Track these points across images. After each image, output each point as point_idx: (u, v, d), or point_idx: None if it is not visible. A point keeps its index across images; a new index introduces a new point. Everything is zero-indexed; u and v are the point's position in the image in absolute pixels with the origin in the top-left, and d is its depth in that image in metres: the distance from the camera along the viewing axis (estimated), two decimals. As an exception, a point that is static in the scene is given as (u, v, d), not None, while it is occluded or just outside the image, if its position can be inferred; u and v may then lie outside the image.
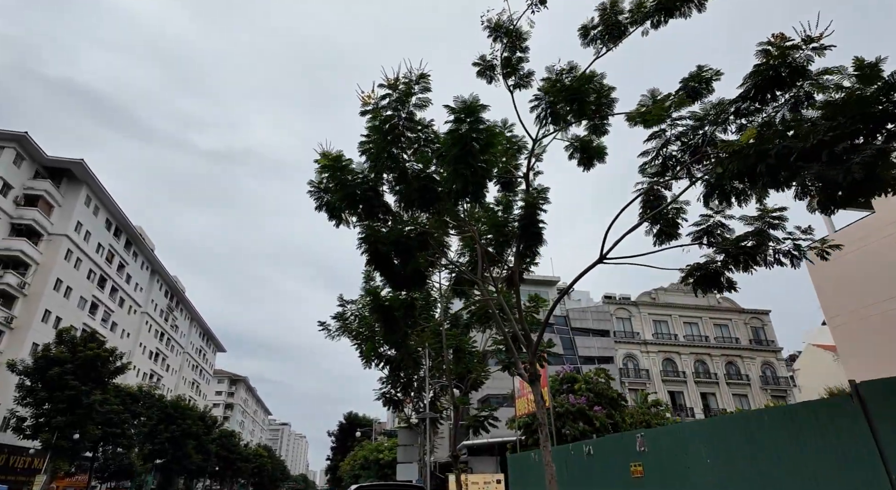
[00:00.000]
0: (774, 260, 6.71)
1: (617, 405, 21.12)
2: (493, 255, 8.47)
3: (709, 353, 41.92)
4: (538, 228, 7.56)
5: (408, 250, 7.27)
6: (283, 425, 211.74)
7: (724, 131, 6.16)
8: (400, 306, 8.42)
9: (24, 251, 36.64)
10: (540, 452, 16.97)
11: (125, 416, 36.51)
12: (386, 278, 7.90)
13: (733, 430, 8.26)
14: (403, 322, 8.52)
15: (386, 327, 8.37)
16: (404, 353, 9.44)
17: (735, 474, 8.13)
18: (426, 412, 15.63)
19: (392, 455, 30.29)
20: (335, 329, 16.03)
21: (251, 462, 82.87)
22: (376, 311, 8.32)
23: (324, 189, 8.02)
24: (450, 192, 6.39)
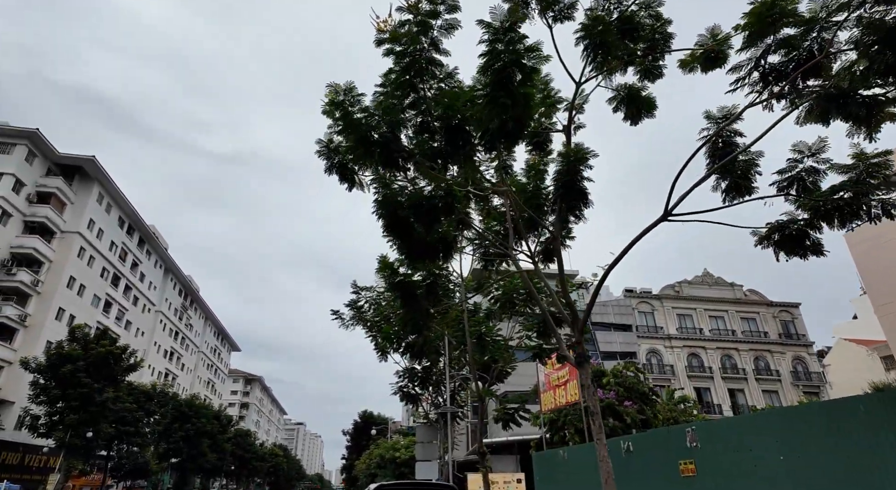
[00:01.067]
0: (875, 215, 5.53)
1: (648, 400, 19.87)
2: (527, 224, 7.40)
3: (736, 348, 40.25)
4: (583, 187, 6.47)
5: (431, 213, 6.24)
6: (299, 425, 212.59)
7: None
8: (422, 282, 7.42)
9: (37, 249, 36.44)
10: (569, 450, 15.83)
11: (139, 415, 36.14)
12: (406, 250, 6.89)
13: (814, 420, 7.09)
14: (426, 299, 7.52)
15: (406, 305, 7.36)
16: (426, 338, 8.43)
17: (816, 471, 6.97)
18: (446, 406, 14.59)
19: (409, 453, 29.33)
20: (349, 318, 15.09)
21: (267, 461, 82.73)
22: (396, 287, 7.30)
23: (333, 149, 7.04)
24: (484, 132, 5.35)
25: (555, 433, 19.89)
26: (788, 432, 7.46)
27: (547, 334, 9.53)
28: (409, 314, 7.34)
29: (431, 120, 5.71)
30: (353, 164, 6.76)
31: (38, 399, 29.79)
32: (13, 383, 34.17)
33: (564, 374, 16.24)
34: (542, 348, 10.65)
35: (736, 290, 42.85)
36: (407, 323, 7.89)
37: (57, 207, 38.73)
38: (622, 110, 7.54)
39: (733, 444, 8.61)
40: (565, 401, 16.40)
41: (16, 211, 36.05)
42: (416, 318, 7.60)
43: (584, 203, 6.61)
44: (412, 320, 7.74)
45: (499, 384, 12.42)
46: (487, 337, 11.66)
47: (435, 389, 18.29)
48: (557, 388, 16.57)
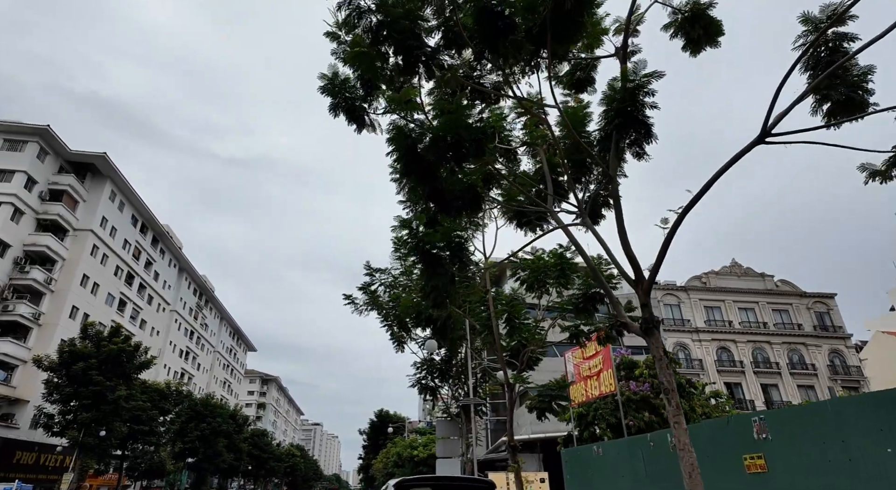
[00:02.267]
0: None
1: (685, 393, 18.40)
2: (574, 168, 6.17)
3: (768, 341, 38.30)
4: (645, 115, 5.23)
5: (459, 147, 5.05)
6: (315, 425, 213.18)
7: None
8: (447, 243, 6.25)
9: (49, 246, 36.16)
10: (605, 445, 14.47)
11: (153, 413, 35.63)
12: (427, 197, 5.74)
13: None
14: (451, 264, 6.36)
15: (428, 270, 6.20)
16: (450, 312, 7.26)
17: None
18: (469, 398, 13.38)
19: (427, 452, 28.21)
20: (362, 303, 14.00)
21: (284, 461, 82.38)
22: (416, 250, 6.14)
23: (339, 84, 5.90)
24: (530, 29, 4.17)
25: (584, 429, 18.55)
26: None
27: (587, 311, 8.25)
28: (432, 281, 6.17)
29: (458, 16, 4.50)
30: (363, 93, 5.61)
31: (52, 397, 29.38)
32: (28, 382, 33.88)
33: (597, 362, 14.92)
34: (579, 329, 9.37)
35: (766, 281, 40.86)
36: (429, 293, 6.71)
37: (69, 205, 38.46)
38: (681, 36, 6.28)
39: (817, 435, 7.24)
40: (598, 392, 15.07)
41: (28, 209, 35.81)
42: (440, 286, 6.43)
43: (645, 136, 5.36)
44: (434, 290, 6.56)
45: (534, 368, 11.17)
46: (516, 318, 10.43)
47: (455, 382, 17.10)
48: (589, 380, 15.25)
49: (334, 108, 6.01)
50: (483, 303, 11.29)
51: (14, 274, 34.65)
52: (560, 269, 10.22)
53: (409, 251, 6.36)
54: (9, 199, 34.15)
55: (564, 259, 10.14)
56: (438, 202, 5.82)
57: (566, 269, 10.20)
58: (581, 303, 8.33)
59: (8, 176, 34.82)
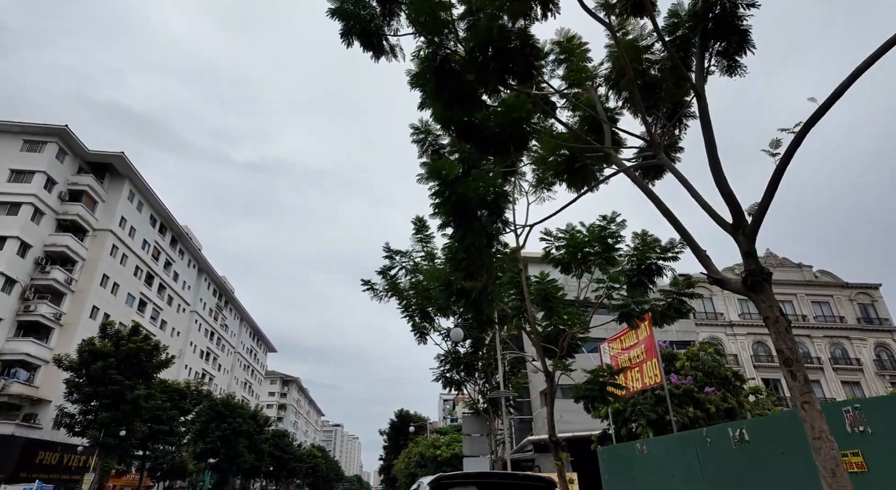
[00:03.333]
0: None
1: (732, 386, 17.00)
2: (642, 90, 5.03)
3: (808, 335, 36.23)
4: (740, 20, 4.10)
5: (503, 58, 4.00)
6: (336, 426, 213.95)
7: None
8: (482, 196, 5.19)
9: (69, 247, 36.20)
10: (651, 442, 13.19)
11: (173, 413, 35.36)
12: (459, 134, 4.72)
13: None
14: (488, 219, 5.32)
15: (462, 226, 5.15)
16: (486, 283, 6.20)
17: None
18: (499, 390, 12.27)
19: (451, 451, 27.15)
20: (382, 288, 13.02)
21: (305, 462, 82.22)
22: (447, 202, 5.08)
23: (352, 3, 4.89)
24: None
25: (621, 426, 17.28)
26: None
27: (641, 285, 7.09)
28: (466, 239, 5.11)
29: None
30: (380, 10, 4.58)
31: (72, 397, 29.23)
32: (50, 382, 33.87)
33: (639, 352, 13.67)
34: (629, 308, 8.19)
35: (805, 272, 38.76)
36: (461, 259, 5.65)
37: (88, 205, 38.52)
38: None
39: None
40: (640, 385, 13.79)
41: (48, 209, 35.91)
42: (475, 247, 5.37)
43: (741, 45, 4.22)
44: (469, 252, 5.51)
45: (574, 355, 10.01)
46: (554, 297, 9.30)
47: (482, 375, 15.99)
48: (629, 371, 13.98)
49: (346, 34, 5.02)
50: (514, 285, 10.19)
51: (35, 274, 34.74)
52: (604, 244, 9.05)
53: (437, 207, 5.30)
54: (29, 200, 34.25)
55: (609, 231, 8.97)
56: (474, 138, 4.78)
57: (611, 243, 9.01)
58: (635, 276, 7.15)
59: (28, 176, 34.95)
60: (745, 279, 3.94)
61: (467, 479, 4.02)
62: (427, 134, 7.49)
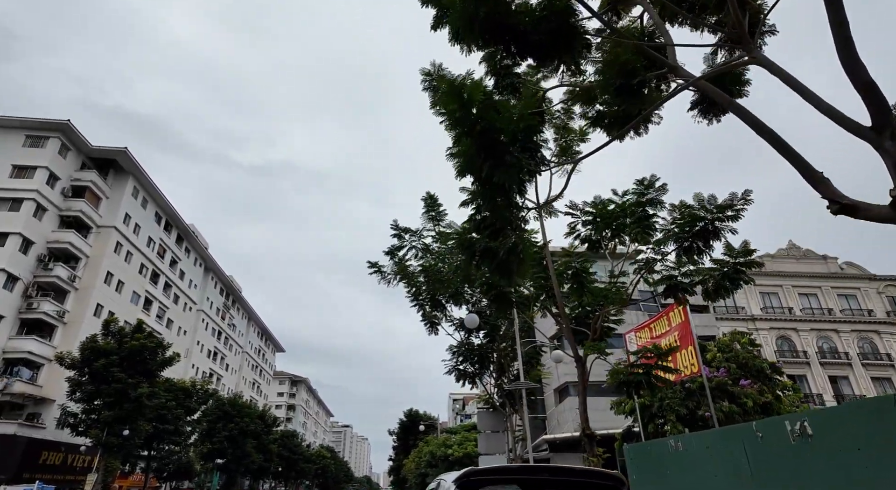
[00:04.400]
0: None
1: (768, 379, 15.76)
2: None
3: (835, 329, 34.67)
4: None
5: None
6: (345, 427, 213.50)
7: None
8: (511, 127, 4.14)
9: (72, 243, 35.60)
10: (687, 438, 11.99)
11: (178, 412, 34.60)
12: (486, 31, 3.67)
13: None
14: (522, 154, 4.26)
15: (488, 159, 4.09)
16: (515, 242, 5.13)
17: None
18: (519, 381, 11.16)
19: (463, 451, 26.05)
20: (390, 270, 11.96)
21: (314, 463, 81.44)
22: (471, 133, 4.01)
23: None
24: None
25: (648, 422, 16.07)
26: None
27: (696, 251, 5.96)
28: (496, 176, 4.02)
29: None
30: None
31: (74, 396, 28.54)
32: (54, 381, 33.22)
33: (671, 340, 12.45)
34: (675, 280, 7.04)
35: (829, 264, 37.18)
36: (484, 219, 4.59)
37: (92, 202, 37.93)
38: None
39: None
40: (674, 377, 12.55)
41: (51, 205, 35.34)
42: (505, 188, 4.31)
43: None
44: (493, 198, 4.44)
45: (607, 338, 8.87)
46: (585, 272, 8.18)
47: (497, 368, 14.88)
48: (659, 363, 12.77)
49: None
50: (537, 262, 9.07)
51: (38, 271, 34.16)
52: (641, 212, 7.91)
53: (456, 139, 4.23)
54: (31, 196, 33.69)
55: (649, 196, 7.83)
56: (505, 38, 3.72)
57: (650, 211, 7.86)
58: (687, 240, 6.00)
59: (30, 172, 34.40)
60: (837, 204, 2.81)
61: (507, 474, 2.94)
62: (440, 81, 6.41)
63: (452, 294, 13.48)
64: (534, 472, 3.02)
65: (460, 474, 2.99)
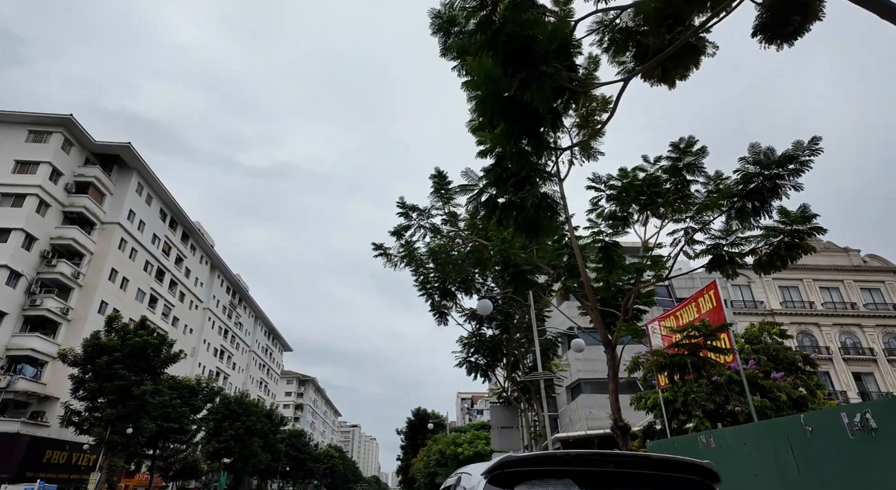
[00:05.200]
0: None
1: (802, 372, 14.75)
2: None
3: (859, 324, 33.39)
4: None
5: None
6: (354, 427, 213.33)
7: None
8: (545, 28, 3.32)
9: (76, 240, 35.18)
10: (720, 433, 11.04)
11: (183, 410, 34.06)
12: None
13: None
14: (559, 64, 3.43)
15: (519, 72, 3.26)
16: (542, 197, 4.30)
17: None
18: (537, 371, 10.29)
19: (473, 449, 25.18)
20: (397, 252, 11.13)
21: (322, 462, 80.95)
22: (496, 41, 3.18)
23: None
24: None
25: (671, 418, 15.11)
26: None
27: (748, 212, 5.08)
28: (532, 89, 3.19)
29: None
30: None
31: (77, 394, 28.06)
32: (58, 379, 32.79)
33: (701, 327, 11.47)
34: (721, 249, 6.14)
35: (852, 256, 35.87)
36: (508, 163, 3.75)
37: (96, 198, 37.51)
38: None
39: None
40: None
41: (54, 201, 34.95)
42: (530, 125, 3.48)
43: None
44: (518, 139, 3.61)
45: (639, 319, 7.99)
46: (615, 246, 7.31)
47: (510, 360, 14.00)
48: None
49: None
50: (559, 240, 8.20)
51: (41, 268, 33.77)
52: (678, 180, 7.02)
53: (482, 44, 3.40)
54: (33, 191, 33.29)
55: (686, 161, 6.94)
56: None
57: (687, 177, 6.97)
58: (739, 200, 5.12)
59: (33, 167, 34.01)
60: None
61: (557, 464, 2.10)
62: (451, 23, 5.56)
63: (463, 280, 12.64)
64: (594, 461, 2.17)
65: (493, 465, 2.15)
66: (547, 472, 2.13)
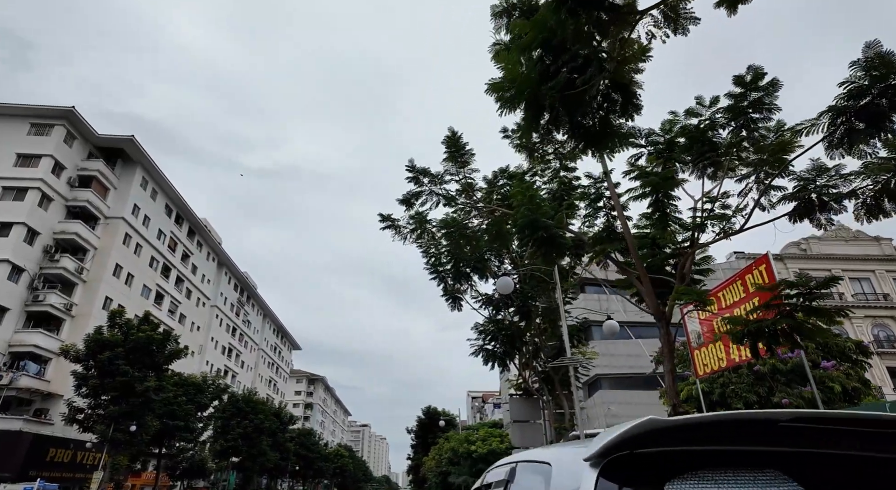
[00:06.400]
0: None
1: (855, 362, 13.41)
2: None
3: (892, 316, 31.70)
4: None
5: None
6: (364, 427, 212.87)
7: None
8: None
9: (79, 234, 34.52)
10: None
11: (188, 408, 33.24)
12: None
13: None
14: None
15: None
16: (604, 74, 3.21)
17: None
18: (566, 357, 9.08)
19: (487, 447, 23.95)
20: (406, 223, 9.96)
21: (332, 462, 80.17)
22: None
23: None
24: None
25: (709, 411, 13.85)
26: None
27: (859, 134, 3.85)
28: None
29: None
30: None
31: (80, 390, 27.31)
32: (62, 376, 32.11)
33: (749, 307, 10.19)
34: (811, 191, 4.93)
35: (883, 246, 34.15)
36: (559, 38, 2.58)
37: (99, 192, 36.85)
38: None
39: None
40: (741, 358, 10.23)
41: (57, 195, 34.31)
42: None
43: None
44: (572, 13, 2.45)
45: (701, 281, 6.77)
46: (667, 199, 6.10)
47: (531, 349, 12.79)
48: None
49: None
50: (592, 195, 7.00)
51: (44, 262, 33.14)
52: (742, 123, 5.78)
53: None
54: (36, 185, 32.65)
55: (750, 100, 5.69)
56: None
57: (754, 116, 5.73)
58: (845, 121, 3.92)
59: (35, 160, 33.41)
60: None
61: (749, 441, 0.91)
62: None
63: (478, 260, 11.46)
64: (817, 436, 0.98)
65: (612, 441, 0.99)
66: (717, 456, 0.97)
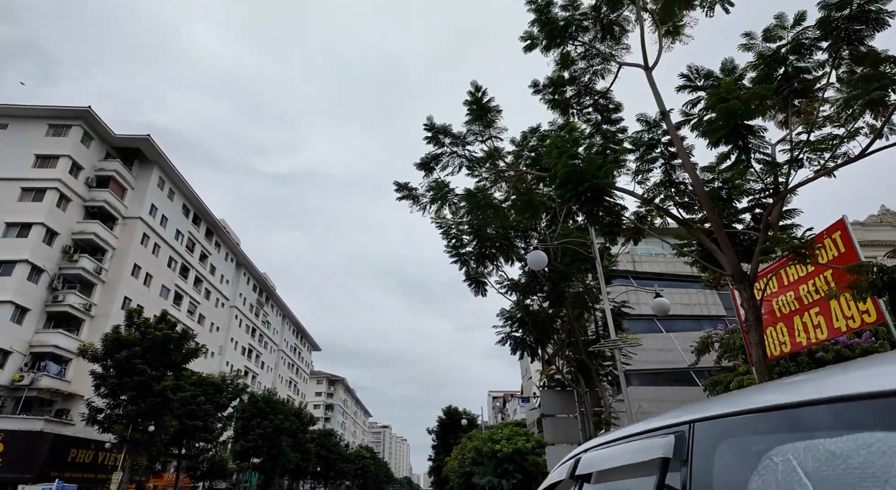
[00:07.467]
0: None
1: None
2: None
3: (946, 305, 29.47)
4: None
5: None
6: (384, 428, 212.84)
7: None
8: None
9: (97, 234, 34.51)
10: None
11: (206, 408, 32.87)
12: None
13: None
14: None
15: None
16: None
17: None
18: (608, 339, 7.97)
19: (512, 446, 22.83)
20: (425, 191, 8.95)
21: (353, 463, 79.77)
22: None
23: None
24: None
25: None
26: None
27: None
28: None
29: None
30: None
31: (100, 390, 27.08)
32: (82, 376, 32.02)
33: (821, 285, 8.93)
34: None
35: (934, 230, 31.87)
36: None
37: (117, 192, 36.86)
38: None
39: None
40: (823, 336, 8.98)
41: (75, 195, 34.35)
42: None
43: None
44: None
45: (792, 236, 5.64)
46: (748, 131, 4.96)
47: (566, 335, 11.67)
48: (801, 315, 9.30)
49: None
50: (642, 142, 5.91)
51: (63, 263, 33.16)
52: (844, 32, 4.66)
53: None
54: (53, 185, 32.71)
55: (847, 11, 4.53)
56: None
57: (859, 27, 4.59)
58: None
59: (52, 161, 33.49)
60: None
61: None
62: None
63: (504, 237, 10.42)
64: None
65: None
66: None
